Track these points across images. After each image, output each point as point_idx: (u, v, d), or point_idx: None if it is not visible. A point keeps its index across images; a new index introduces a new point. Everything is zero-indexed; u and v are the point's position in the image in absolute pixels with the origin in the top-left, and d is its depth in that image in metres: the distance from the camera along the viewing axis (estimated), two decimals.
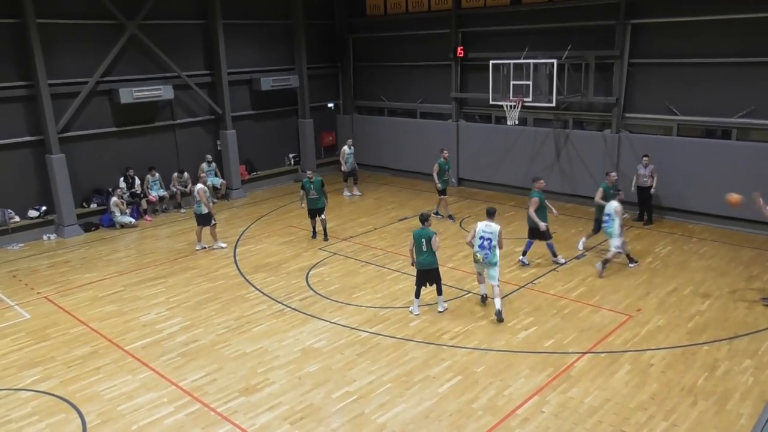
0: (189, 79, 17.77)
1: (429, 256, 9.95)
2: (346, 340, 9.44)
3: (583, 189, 16.39)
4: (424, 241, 9.85)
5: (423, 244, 9.87)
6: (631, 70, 15.22)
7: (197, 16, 17.95)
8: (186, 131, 18.29)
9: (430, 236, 9.84)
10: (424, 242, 9.86)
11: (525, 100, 15.14)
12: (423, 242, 9.86)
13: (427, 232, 9.88)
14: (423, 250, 9.92)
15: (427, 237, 9.84)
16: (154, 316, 10.58)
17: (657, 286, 11.09)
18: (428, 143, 19.62)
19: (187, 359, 9.01)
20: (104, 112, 16.43)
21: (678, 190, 14.49)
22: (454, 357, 8.82)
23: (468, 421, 7.32)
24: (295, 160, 21.26)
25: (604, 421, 7.21)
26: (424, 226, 9.93)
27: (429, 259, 9.97)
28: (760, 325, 9.48)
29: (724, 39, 13.74)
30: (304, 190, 14.20)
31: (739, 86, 13.70)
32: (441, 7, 18.62)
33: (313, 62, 20.87)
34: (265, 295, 11.33)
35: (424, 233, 9.87)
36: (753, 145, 13.69)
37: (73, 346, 9.56)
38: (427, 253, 9.92)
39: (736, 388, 7.81)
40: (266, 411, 7.65)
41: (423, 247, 9.89)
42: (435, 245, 9.87)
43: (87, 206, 16.22)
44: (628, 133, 15.54)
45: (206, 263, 13.12)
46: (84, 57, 15.77)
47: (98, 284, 12.17)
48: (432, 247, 9.85)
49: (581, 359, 8.64)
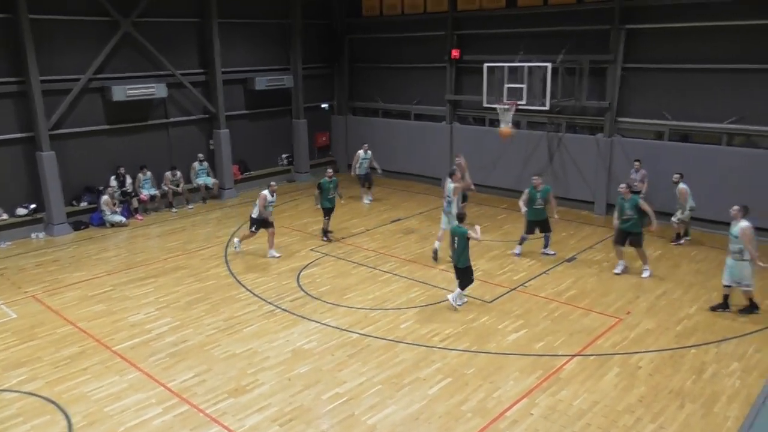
0: (183, 77, 17.70)
1: (456, 253, 10.25)
2: (336, 342, 9.42)
3: (576, 192, 16.47)
4: (457, 239, 10.16)
5: (455, 241, 10.20)
6: (624, 75, 15.27)
7: (192, 15, 17.88)
8: (179, 130, 18.21)
9: (463, 234, 10.11)
10: (456, 240, 10.17)
11: (519, 103, 15.17)
12: (455, 240, 10.19)
13: (458, 230, 10.20)
14: (454, 248, 10.25)
15: (461, 235, 10.13)
16: (143, 316, 10.52)
17: (647, 290, 11.13)
18: (422, 145, 19.65)
19: (176, 360, 8.97)
20: (96, 110, 16.33)
21: (669, 194, 14.51)
22: (444, 359, 8.81)
23: (457, 423, 7.31)
24: (288, 160, 21.22)
25: (592, 423, 7.22)
26: (458, 224, 10.31)
27: (456, 256, 10.29)
28: (747, 328, 9.53)
29: (717, 45, 13.82)
30: (322, 190, 14.09)
31: (731, 93, 13.79)
32: (437, 9, 18.64)
33: (308, 62, 20.83)
34: (255, 295, 11.30)
35: (456, 231, 10.24)
36: (743, 150, 13.77)
37: (60, 346, 9.49)
38: (457, 250, 10.20)
39: (723, 391, 7.84)
40: (255, 412, 7.62)
41: (454, 244, 10.22)
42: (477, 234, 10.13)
43: (77, 204, 16.11)
44: (620, 138, 15.60)
45: (197, 263, 13.06)
46: (77, 53, 15.67)
47: (87, 283, 12.09)
48: (463, 245, 10.08)
49: (571, 362, 8.66)
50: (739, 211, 9.57)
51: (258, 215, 13.00)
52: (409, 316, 10.23)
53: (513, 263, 12.60)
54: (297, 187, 20.04)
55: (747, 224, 9.42)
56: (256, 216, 13.04)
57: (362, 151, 17.73)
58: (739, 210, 9.58)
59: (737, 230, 9.48)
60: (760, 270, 9.83)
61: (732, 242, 9.66)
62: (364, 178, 17.86)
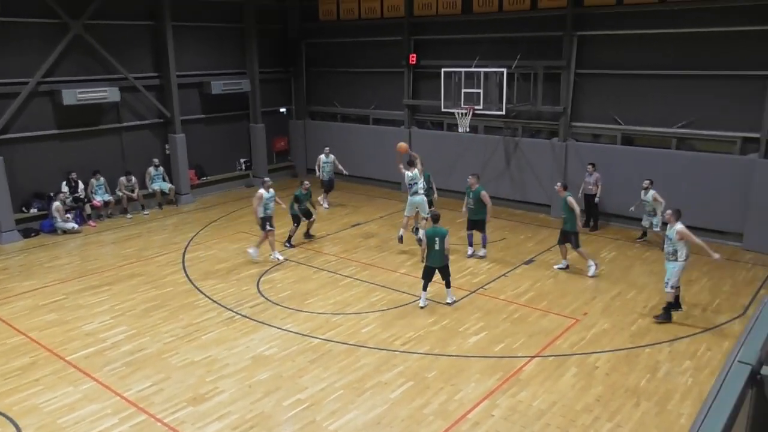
0: (136, 81, 17.34)
1: (440, 253, 10.37)
2: (297, 347, 9.35)
3: (533, 196, 16.76)
4: (438, 240, 10.29)
5: (436, 243, 10.31)
6: (577, 81, 15.64)
7: (145, 17, 17.55)
8: (133, 134, 17.82)
9: (444, 234, 10.33)
10: (437, 241, 10.29)
11: (476, 108, 15.37)
12: (436, 240, 10.30)
13: (441, 231, 10.39)
14: (435, 249, 10.34)
15: (441, 235, 10.31)
16: (97, 324, 10.24)
17: (602, 291, 11.41)
18: (381, 150, 19.69)
19: (133, 369, 8.76)
20: (46, 114, 15.86)
21: (622, 197, 14.93)
22: (405, 363, 8.84)
23: (419, 426, 7.34)
24: (246, 165, 20.99)
25: (551, 423, 7.35)
26: (436, 225, 10.52)
27: (440, 256, 10.40)
28: (698, 327, 9.85)
29: (666, 52, 14.28)
30: (299, 202, 13.97)
31: (680, 97, 14.26)
32: (394, 14, 18.75)
33: (265, 67, 20.67)
34: (214, 302, 11.13)
35: (437, 232, 10.37)
36: (691, 154, 14.25)
37: (11, 357, 9.16)
38: (439, 251, 10.34)
39: (677, 388, 8.09)
40: (215, 420, 7.50)
41: (436, 245, 10.32)
42: (447, 245, 10.37)
43: (27, 211, 15.59)
44: (575, 142, 15.95)
45: (153, 270, 12.79)
46: (25, 56, 15.20)
47: (38, 292, 11.70)
48: (444, 245, 10.31)
49: (530, 363, 8.80)
50: (672, 215, 9.84)
51: (263, 214, 12.87)
52: (371, 321, 10.23)
53: (472, 266, 12.74)
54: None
55: (681, 226, 9.71)
56: (262, 215, 12.89)
57: (323, 155, 17.66)
58: (672, 214, 9.85)
59: (672, 233, 9.79)
60: (715, 262, 10.03)
61: (667, 244, 9.97)
62: (327, 183, 17.75)
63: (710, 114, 13.87)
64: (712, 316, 10.26)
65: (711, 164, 13.91)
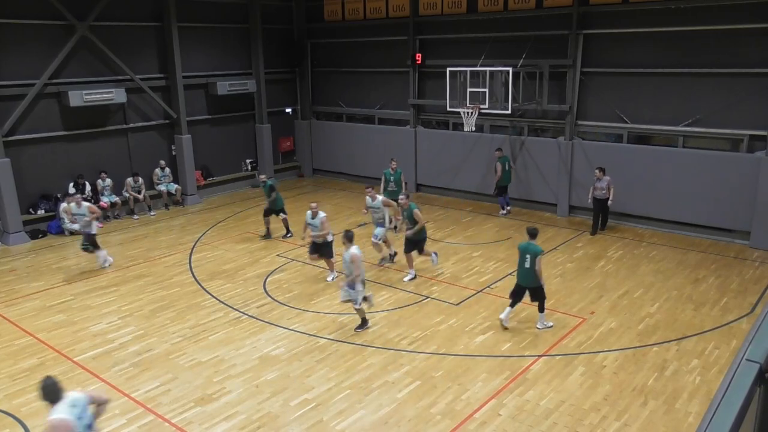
0: (142, 82, 17.40)
1: (530, 272, 9.35)
2: (304, 347, 9.37)
3: (539, 195, 16.72)
4: (528, 257, 9.29)
5: (526, 260, 9.31)
6: (583, 79, 15.59)
7: (151, 18, 17.60)
8: (139, 135, 17.88)
9: (536, 252, 9.27)
10: (528, 258, 9.29)
11: (481, 107, 15.35)
12: (527, 258, 9.30)
13: (534, 249, 9.31)
14: (525, 267, 9.37)
15: (533, 253, 9.27)
16: (105, 325, 10.28)
17: (609, 290, 11.37)
18: (387, 149, 19.69)
19: (140, 369, 8.79)
20: (53, 116, 15.92)
21: (628, 195, 14.88)
22: (412, 362, 8.84)
23: (426, 426, 7.34)
24: (252, 165, 21.03)
25: (559, 422, 7.34)
26: (531, 241, 9.41)
27: (529, 275, 9.38)
28: (706, 326, 9.81)
29: (672, 50, 14.21)
30: None
31: (686, 95, 14.19)
32: (399, 14, 18.74)
33: (270, 67, 20.71)
34: (221, 302, 11.15)
35: (529, 248, 9.33)
36: (698, 152, 14.17)
37: (19, 358, 9.21)
38: (529, 270, 9.34)
39: (685, 387, 8.06)
40: (223, 421, 7.52)
41: (526, 263, 9.34)
42: (538, 266, 9.24)
43: (34, 213, 15.67)
44: (581, 141, 15.91)
45: (160, 270, 12.83)
46: (31, 58, 15.27)
47: (46, 293, 11.76)
48: (535, 265, 9.25)
49: (537, 362, 8.78)
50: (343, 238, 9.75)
51: None
52: (377, 320, 10.23)
53: (478, 266, 12.72)
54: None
55: (355, 251, 9.52)
56: None
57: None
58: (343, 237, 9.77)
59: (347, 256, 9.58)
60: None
61: None
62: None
63: (717, 112, 13.79)
64: (719, 315, 10.21)
65: (718, 162, 13.83)
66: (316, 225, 11.74)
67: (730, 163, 13.69)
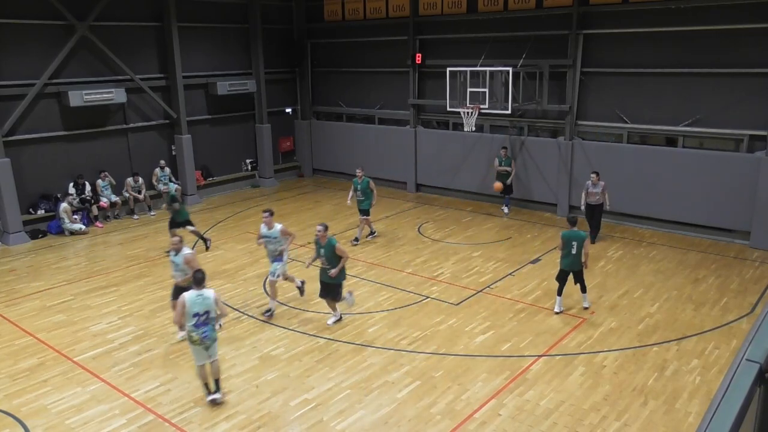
0: (142, 82, 17.40)
1: (577, 257, 10.10)
2: (304, 347, 9.37)
3: (539, 195, 16.73)
4: (575, 244, 10.00)
5: (573, 246, 10.02)
6: (583, 79, 15.59)
7: (151, 18, 17.61)
8: (139, 135, 17.88)
9: (582, 238, 10.02)
10: (575, 245, 10.01)
11: (481, 107, 15.35)
12: (573, 244, 10.01)
13: (579, 234, 10.06)
14: (572, 253, 10.06)
15: (580, 239, 10.01)
16: (105, 325, 10.28)
17: (609, 289, 11.37)
18: (387, 149, 19.72)
19: (140, 369, 8.79)
20: (53, 115, 15.93)
21: (628, 195, 14.88)
22: (412, 362, 8.84)
23: (426, 426, 7.34)
24: (252, 165, 21.03)
25: (559, 422, 7.34)
26: (573, 228, 10.13)
27: (576, 260, 10.12)
28: (706, 326, 9.81)
29: (672, 50, 14.21)
30: None
31: (686, 95, 14.19)
32: (399, 14, 18.75)
33: (270, 67, 20.71)
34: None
35: (574, 235, 10.04)
36: (698, 152, 14.18)
37: (19, 358, 9.21)
38: (576, 255, 10.07)
39: (685, 387, 8.06)
40: (223, 421, 7.52)
41: (573, 249, 10.04)
42: (586, 249, 10.04)
43: (34, 213, 15.67)
44: (581, 141, 15.91)
45: (160, 270, 12.82)
46: (31, 58, 15.27)
47: (46, 293, 11.76)
48: (583, 249, 10.01)
49: (537, 362, 8.78)
50: None
51: None
52: (377, 320, 10.24)
53: (478, 266, 12.72)
54: (261, 192, 19.89)
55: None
56: None
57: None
58: None
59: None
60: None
61: None
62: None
63: (717, 112, 13.80)
64: (719, 315, 10.21)
65: (718, 162, 13.84)
66: (178, 263, 9.49)
67: (730, 163, 13.69)
